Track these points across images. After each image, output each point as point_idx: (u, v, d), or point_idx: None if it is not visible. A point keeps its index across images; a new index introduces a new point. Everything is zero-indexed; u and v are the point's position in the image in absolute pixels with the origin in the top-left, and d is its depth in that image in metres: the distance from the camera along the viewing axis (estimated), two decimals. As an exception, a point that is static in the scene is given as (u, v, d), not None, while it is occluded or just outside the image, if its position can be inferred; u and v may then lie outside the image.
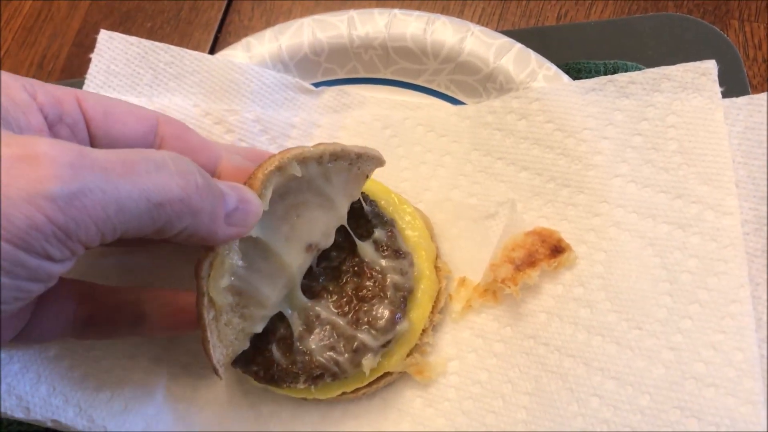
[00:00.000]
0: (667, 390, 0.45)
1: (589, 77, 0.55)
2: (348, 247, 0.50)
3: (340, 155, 0.45)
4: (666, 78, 0.52)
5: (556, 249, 0.50)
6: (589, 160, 0.52)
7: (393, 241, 0.50)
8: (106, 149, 0.32)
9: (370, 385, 0.50)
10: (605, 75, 0.54)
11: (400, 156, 0.58)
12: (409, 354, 0.50)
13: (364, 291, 0.49)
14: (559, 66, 0.57)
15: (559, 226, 0.52)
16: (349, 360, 0.47)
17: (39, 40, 0.76)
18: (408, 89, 0.62)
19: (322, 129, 0.58)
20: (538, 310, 0.50)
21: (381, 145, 0.58)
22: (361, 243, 0.50)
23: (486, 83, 0.59)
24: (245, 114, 0.56)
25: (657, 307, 0.47)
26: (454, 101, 0.61)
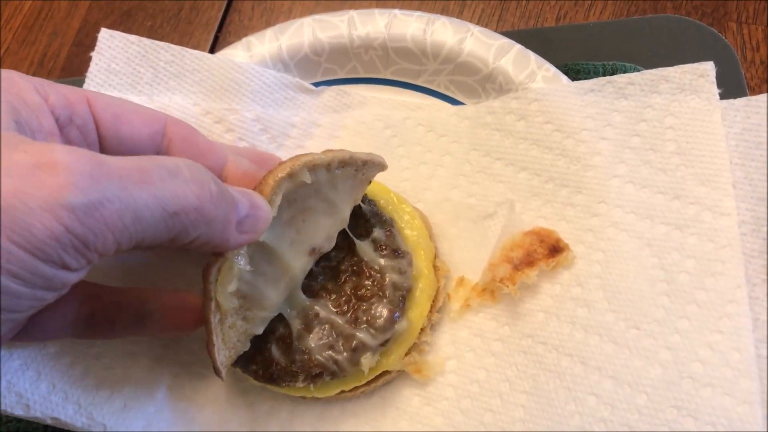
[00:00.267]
0: (664, 389, 0.45)
1: (587, 78, 0.55)
2: (347, 247, 0.50)
3: (348, 162, 0.45)
4: (664, 79, 0.52)
5: (555, 249, 0.50)
6: (588, 161, 0.52)
7: (392, 240, 0.50)
8: (120, 156, 0.32)
9: (368, 383, 0.50)
10: (604, 76, 0.55)
11: (401, 156, 0.58)
12: (408, 353, 0.50)
13: (363, 290, 0.49)
14: (558, 67, 0.58)
15: (557, 226, 0.52)
16: (347, 359, 0.47)
17: (39, 38, 0.76)
18: (408, 89, 0.62)
19: (322, 128, 0.58)
20: (536, 310, 0.50)
21: (381, 144, 0.58)
22: (360, 242, 0.50)
23: (485, 84, 0.59)
24: (245, 113, 0.56)
25: (654, 307, 0.47)
26: (454, 102, 0.61)
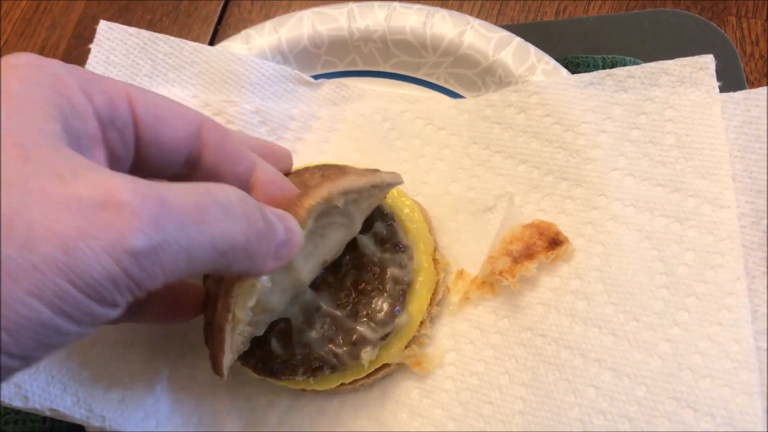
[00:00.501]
0: (663, 381, 0.45)
1: (587, 71, 0.55)
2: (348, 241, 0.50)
3: (378, 185, 0.45)
4: (664, 72, 0.52)
5: (554, 242, 0.50)
6: (588, 154, 0.52)
7: (392, 234, 0.50)
8: (177, 187, 0.31)
9: (368, 376, 0.50)
10: (604, 69, 0.55)
11: (399, 149, 0.58)
12: (407, 346, 0.50)
13: (364, 284, 0.49)
14: (557, 60, 0.57)
15: (557, 219, 0.52)
16: (348, 352, 0.47)
17: (38, 31, 0.76)
18: (407, 82, 0.61)
19: (321, 121, 0.58)
20: (536, 302, 0.50)
21: (380, 137, 0.58)
22: (361, 236, 0.50)
23: (485, 77, 0.59)
24: (244, 105, 0.55)
25: (654, 300, 0.48)
26: (453, 94, 0.60)
